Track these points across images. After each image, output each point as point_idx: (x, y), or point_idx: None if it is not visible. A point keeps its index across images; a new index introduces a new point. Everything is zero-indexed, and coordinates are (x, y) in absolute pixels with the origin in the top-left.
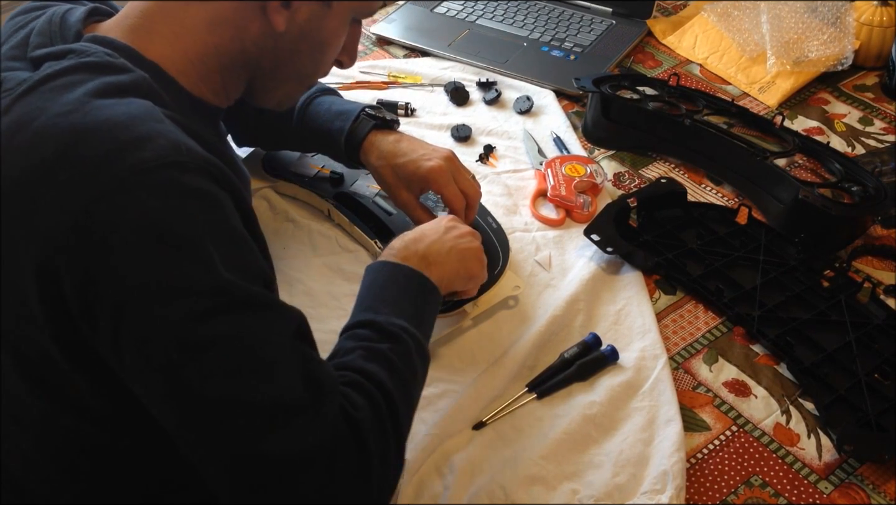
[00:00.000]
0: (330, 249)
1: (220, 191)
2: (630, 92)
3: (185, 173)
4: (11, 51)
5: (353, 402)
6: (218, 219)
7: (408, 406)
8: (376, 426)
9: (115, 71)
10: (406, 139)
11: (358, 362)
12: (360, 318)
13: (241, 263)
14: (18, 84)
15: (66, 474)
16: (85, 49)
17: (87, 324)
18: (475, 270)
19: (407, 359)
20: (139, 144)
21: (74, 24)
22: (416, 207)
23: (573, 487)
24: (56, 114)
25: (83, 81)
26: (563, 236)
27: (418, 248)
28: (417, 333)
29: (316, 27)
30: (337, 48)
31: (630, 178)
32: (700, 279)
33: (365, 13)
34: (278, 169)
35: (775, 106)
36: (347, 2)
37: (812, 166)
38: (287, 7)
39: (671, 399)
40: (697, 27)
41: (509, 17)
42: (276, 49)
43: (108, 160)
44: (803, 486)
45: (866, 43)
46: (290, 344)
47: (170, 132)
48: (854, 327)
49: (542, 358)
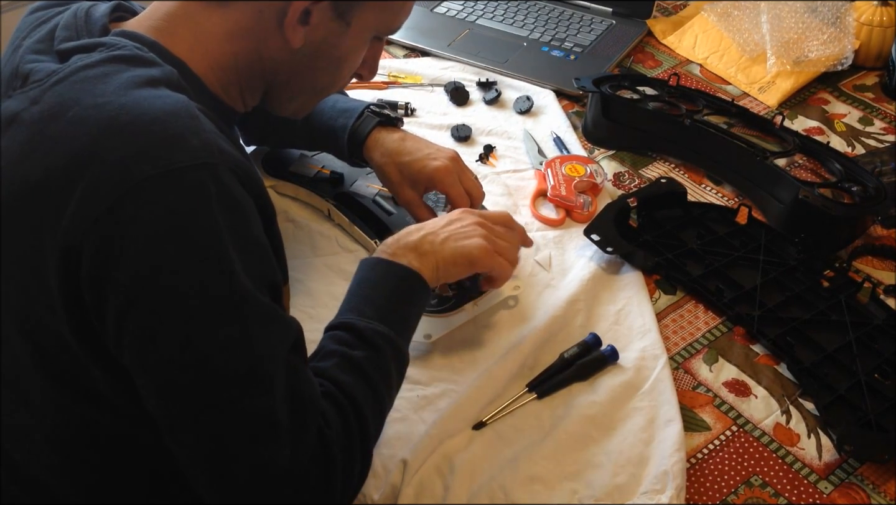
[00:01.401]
0: (330, 249)
1: (246, 194)
2: (630, 92)
3: (215, 176)
4: (36, 45)
5: (327, 418)
6: (240, 224)
7: (377, 414)
8: (344, 442)
9: (146, 64)
10: (411, 138)
11: (333, 372)
12: (344, 319)
13: (256, 271)
14: (48, 75)
15: (77, 464)
16: (115, 42)
17: (95, 313)
18: (477, 256)
19: (382, 367)
20: (173, 143)
21: (100, 19)
22: (420, 206)
23: (573, 486)
24: (92, 105)
25: (117, 72)
26: (563, 236)
27: (410, 239)
28: (397, 337)
29: (334, 44)
30: (355, 64)
31: (630, 178)
32: (700, 279)
33: (386, 31)
34: (278, 169)
35: (775, 106)
36: (367, 21)
37: (812, 166)
38: (305, 24)
39: (671, 399)
40: (697, 27)
41: (509, 17)
42: (292, 63)
43: (142, 157)
44: (803, 486)
45: (866, 43)
46: (285, 358)
47: (203, 131)
48: (854, 327)
49: (542, 358)
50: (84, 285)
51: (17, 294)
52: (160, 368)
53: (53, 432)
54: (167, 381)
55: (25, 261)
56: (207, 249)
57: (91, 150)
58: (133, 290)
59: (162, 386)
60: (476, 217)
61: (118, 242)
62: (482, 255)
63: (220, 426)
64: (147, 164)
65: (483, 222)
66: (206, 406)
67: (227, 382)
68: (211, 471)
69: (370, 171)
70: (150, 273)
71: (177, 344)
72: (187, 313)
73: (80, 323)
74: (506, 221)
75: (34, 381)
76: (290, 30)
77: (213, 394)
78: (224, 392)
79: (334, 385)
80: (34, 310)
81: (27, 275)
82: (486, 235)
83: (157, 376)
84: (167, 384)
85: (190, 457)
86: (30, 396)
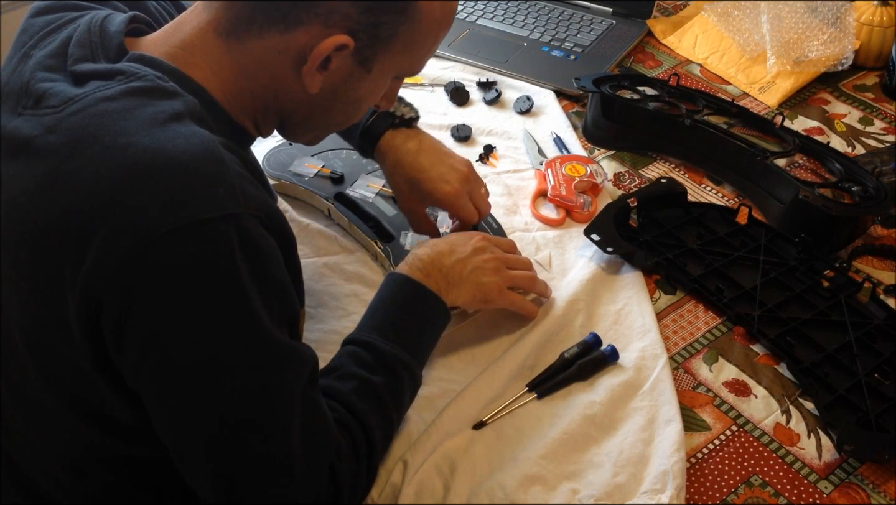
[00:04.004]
0: (330, 249)
1: (269, 237)
2: (630, 92)
3: (239, 225)
4: (48, 59)
5: (339, 452)
6: (262, 269)
7: (385, 438)
8: (354, 472)
9: (167, 96)
10: (425, 151)
11: (351, 398)
12: (367, 337)
13: (276, 311)
14: (64, 102)
15: (88, 482)
16: (135, 71)
17: (115, 351)
18: (492, 296)
19: (397, 394)
20: (197, 193)
21: (115, 36)
22: (422, 220)
23: (573, 486)
24: (113, 145)
25: (139, 107)
26: (563, 236)
27: (444, 263)
28: (416, 366)
29: (352, 87)
30: (373, 102)
31: (630, 178)
32: (700, 279)
33: (408, 74)
34: (278, 169)
35: (775, 106)
36: (389, 66)
37: (812, 166)
38: (324, 69)
39: (671, 399)
40: (697, 27)
41: (509, 17)
42: (309, 103)
43: (165, 207)
44: (803, 486)
45: (866, 43)
46: (301, 394)
47: (229, 176)
48: (854, 327)
49: (542, 358)
50: (105, 329)
51: (33, 325)
52: (177, 409)
53: (66, 452)
54: (183, 421)
55: (41, 295)
56: (230, 300)
57: (112, 196)
58: (154, 339)
59: (177, 425)
60: (498, 252)
61: (140, 294)
62: (496, 296)
63: (233, 468)
64: (170, 215)
65: (502, 257)
66: (220, 448)
67: (243, 428)
68: (220, 502)
69: (370, 170)
70: (171, 324)
71: (195, 390)
72: (208, 361)
73: (99, 356)
74: (511, 249)
75: (49, 404)
76: (309, 76)
77: (229, 438)
78: (240, 437)
79: (349, 411)
80: (51, 338)
81: (42, 308)
82: (502, 272)
83: (173, 416)
84: (183, 424)
85: (200, 488)
86: (44, 419)
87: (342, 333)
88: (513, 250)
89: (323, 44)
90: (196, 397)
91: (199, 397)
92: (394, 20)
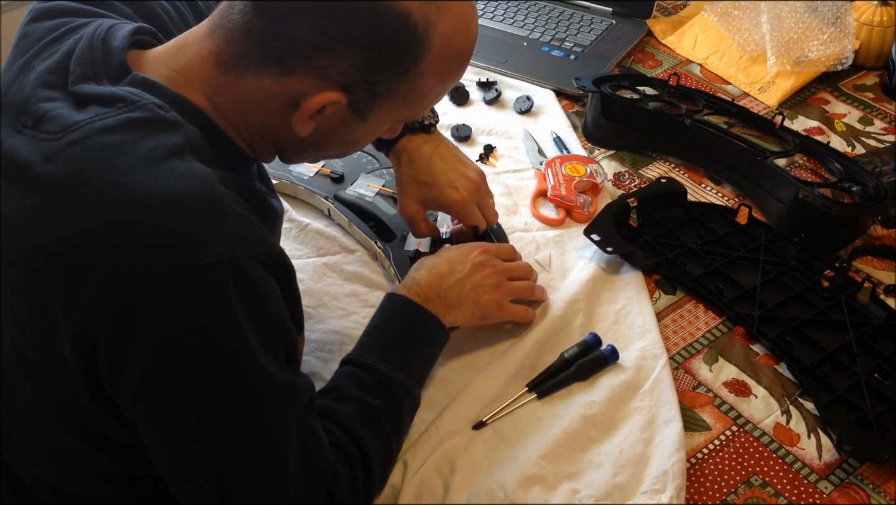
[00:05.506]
0: (330, 249)
1: (268, 276)
2: (630, 92)
3: (235, 269)
4: (48, 75)
5: (337, 477)
6: (259, 309)
7: (384, 460)
8: (350, 492)
9: (167, 128)
10: (438, 156)
11: (350, 421)
12: (367, 359)
13: (274, 347)
14: (63, 129)
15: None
16: (135, 100)
17: (110, 386)
18: (491, 313)
19: (396, 418)
20: (193, 237)
21: (118, 53)
22: (420, 222)
23: (573, 487)
24: (110, 183)
25: (137, 141)
26: (563, 236)
27: (442, 286)
28: (415, 388)
29: (346, 133)
30: (368, 143)
31: (630, 178)
32: (700, 279)
33: (406, 121)
34: (278, 168)
35: (775, 106)
36: (386, 115)
37: (812, 166)
38: (318, 115)
39: (671, 399)
40: (697, 27)
41: (509, 17)
42: (302, 142)
43: (160, 251)
44: (803, 486)
45: (866, 43)
46: (298, 423)
47: (225, 218)
48: (854, 327)
49: (542, 358)
50: (100, 363)
51: (28, 346)
52: (172, 443)
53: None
54: (178, 454)
55: (35, 321)
56: (225, 343)
57: (107, 236)
58: (149, 379)
59: (173, 457)
60: (498, 265)
61: (134, 337)
62: (495, 313)
63: (229, 496)
64: (166, 259)
65: (502, 269)
66: (216, 479)
67: (240, 461)
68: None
69: (370, 170)
70: (166, 366)
71: (191, 428)
72: (204, 402)
73: (94, 385)
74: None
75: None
76: (300, 123)
77: (225, 470)
78: (236, 469)
79: (348, 435)
80: (45, 366)
81: (36, 333)
82: (502, 287)
83: (168, 448)
84: (178, 457)
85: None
86: (42, 434)
87: (342, 333)
88: (513, 257)
89: (314, 98)
90: (191, 434)
91: (194, 434)
92: (393, 80)
